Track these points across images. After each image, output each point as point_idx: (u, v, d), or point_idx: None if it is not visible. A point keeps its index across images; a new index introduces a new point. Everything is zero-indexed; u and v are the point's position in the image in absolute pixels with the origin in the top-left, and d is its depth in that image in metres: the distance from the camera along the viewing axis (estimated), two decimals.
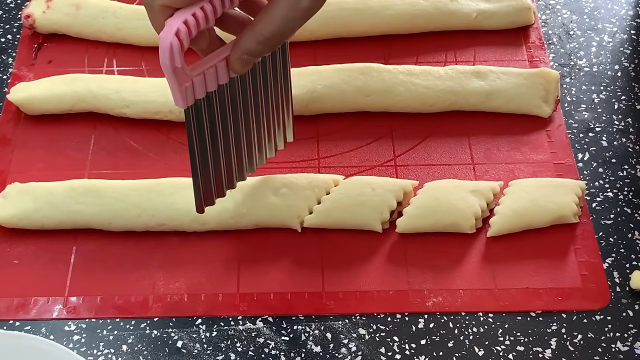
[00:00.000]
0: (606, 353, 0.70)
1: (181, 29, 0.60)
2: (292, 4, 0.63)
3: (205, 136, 0.69)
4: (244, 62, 0.65)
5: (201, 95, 0.66)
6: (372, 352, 0.70)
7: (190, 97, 0.65)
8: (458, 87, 0.86)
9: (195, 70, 0.64)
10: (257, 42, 0.64)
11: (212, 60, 0.65)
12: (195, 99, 0.66)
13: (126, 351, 0.70)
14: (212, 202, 0.73)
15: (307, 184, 0.78)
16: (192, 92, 0.65)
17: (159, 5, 0.61)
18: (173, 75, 0.62)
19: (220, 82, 0.67)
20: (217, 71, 0.66)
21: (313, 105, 0.85)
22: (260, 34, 0.64)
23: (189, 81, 0.64)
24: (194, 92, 0.65)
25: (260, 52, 0.65)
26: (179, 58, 0.61)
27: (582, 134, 0.85)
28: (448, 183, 0.79)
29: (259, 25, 0.64)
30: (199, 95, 0.66)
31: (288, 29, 0.65)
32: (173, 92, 0.64)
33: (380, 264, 0.76)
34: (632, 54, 0.93)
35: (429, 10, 0.92)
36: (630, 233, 0.78)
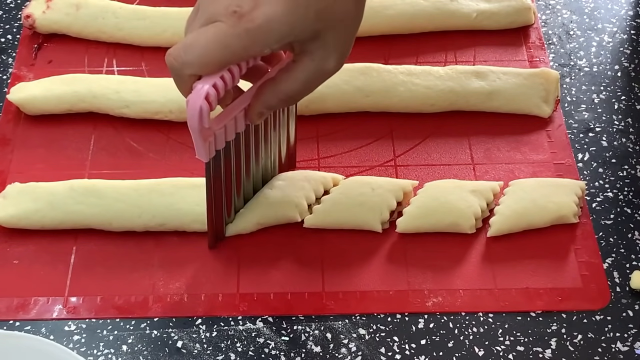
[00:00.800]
0: (606, 353, 0.70)
1: (211, 92, 0.61)
2: (317, 67, 0.64)
3: (221, 179, 0.71)
4: (262, 115, 0.68)
5: (222, 146, 0.68)
6: (372, 352, 0.70)
7: (212, 150, 0.67)
8: (458, 87, 0.86)
9: (219, 124, 0.66)
10: (278, 99, 0.66)
11: (233, 112, 0.67)
12: (216, 149, 0.68)
13: (126, 351, 0.70)
14: (224, 237, 0.76)
15: (302, 177, 0.78)
16: (214, 144, 0.67)
17: (189, 74, 0.62)
18: (200, 134, 0.63)
19: (238, 130, 0.69)
20: (236, 121, 0.68)
21: (313, 105, 0.85)
22: (283, 92, 0.65)
23: (212, 136, 0.66)
24: (216, 144, 0.67)
25: (279, 107, 0.68)
26: (207, 120, 0.62)
27: (582, 134, 0.85)
28: (448, 183, 0.79)
29: (282, 84, 0.65)
30: (220, 146, 0.68)
31: (310, 89, 0.67)
32: (197, 149, 0.65)
33: (380, 264, 0.76)
34: (632, 54, 0.93)
35: (429, 10, 0.92)
36: (630, 233, 0.78)
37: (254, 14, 0.60)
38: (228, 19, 0.60)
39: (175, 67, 0.62)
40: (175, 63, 0.62)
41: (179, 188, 0.77)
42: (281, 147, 0.78)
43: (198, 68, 0.61)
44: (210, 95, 0.61)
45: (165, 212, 0.76)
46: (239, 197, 0.76)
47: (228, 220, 0.76)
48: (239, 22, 0.60)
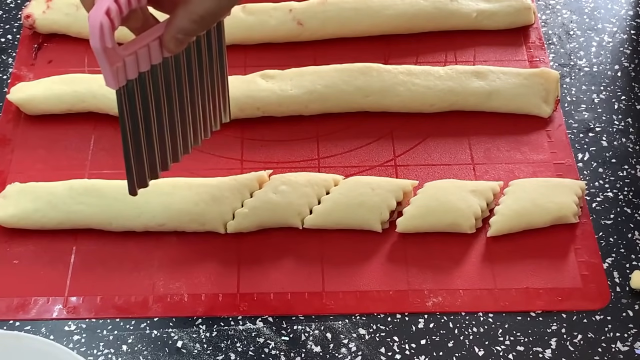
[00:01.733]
0: (606, 353, 0.70)
1: (112, 7, 0.58)
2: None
3: (138, 117, 0.67)
4: (178, 41, 0.64)
5: (133, 76, 0.64)
6: (372, 352, 0.70)
7: (122, 78, 0.63)
8: (458, 87, 0.86)
9: (127, 50, 0.62)
10: (191, 21, 0.63)
11: (145, 40, 0.63)
12: (127, 79, 0.64)
13: (126, 351, 0.70)
14: (146, 184, 0.71)
15: (306, 181, 0.78)
16: (124, 73, 0.63)
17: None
18: (104, 55, 0.60)
19: (154, 62, 0.65)
20: (150, 51, 0.64)
21: (313, 105, 0.86)
22: (195, 12, 0.62)
23: (120, 61, 0.62)
24: (126, 72, 0.63)
25: (194, 31, 0.64)
26: (109, 38, 0.59)
27: (582, 134, 0.85)
28: (448, 183, 0.79)
29: (193, 4, 0.62)
30: (131, 75, 0.64)
31: (223, 7, 0.64)
32: (104, 73, 0.62)
33: (380, 264, 0.76)
34: (632, 54, 0.93)
35: (429, 10, 0.92)
36: (630, 233, 0.78)
37: None
38: None
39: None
40: None
41: (179, 188, 0.77)
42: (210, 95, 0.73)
43: None
44: (111, 11, 0.58)
45: (164, 212, 0.76)
46: (164, 145, 0.71)
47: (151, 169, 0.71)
48: None
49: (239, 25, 0.92)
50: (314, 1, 0.93)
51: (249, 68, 0.90)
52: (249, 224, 0.77)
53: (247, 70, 0.90)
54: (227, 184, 0.78)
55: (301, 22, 0.92)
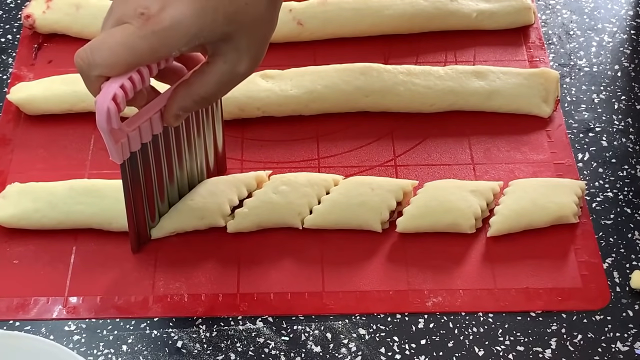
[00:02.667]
0: (606, 353, 0.70)
1: (118, 93, 0.61)
2: (229, 69, 0.64)
3: (140, 182, 0.70)
4: (179, 117, 0.67)
5: (137, 148, 0.68)
6: (372, 352, 0.70)
7: (126, 151, 0.67)
8: (458, 87, 0.86)
9: (131, 126, 0.66)
10: (193, 101, 0.66)
11: (147, 114, 0.66)
12: (131, 151, 0.67)
13: (126, 351, 0.70)
14: (148, 240, 0.76)
15: (306, 181, 0.78)
16: (128, 146, 0.67)
17: (96, 75, 0.61)
18: (110, 135, 0.63)
19: (155, 132, 0.68)
20: (152, 123, 0.67)
21: (313, 105, 0.86)
22: (197, 94, 0.65)
23: (124, 137, 0.65)
24: (130, 146, 0.67)
25: (195, 109, 0.68)
26: (115, 120, 0.62)
27: (582, 134, 0.85)
28: (448, 183, 0.79)
29: (196, 85, 0.65)
30: (135, 148, 0.67)
31: (223, 91, 0.67)
32: (110, 150, 0.65)
33: (380, 264, 0.76)
34: (632, 54, 0.93)
35: (429, 10, 0.92)
36: (630, 233, 0.78)
37: (161, 16, 0.60)
38: (135, 21, 0.60)
39: (82, 68, 0.62)
40: (83, 64, 0.61)
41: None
42: (208, 152, 0.77)
43: (105, 69, 0.61)
44: (117, 97, 0.61)
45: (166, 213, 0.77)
46: (163, 202, 0.75)
47: (151, 224, 0.76)
48: (146, 24, 0.60)
49: None
50: (314, 1, 0.93)
51: None
52: (249, 224, 0.77)
53: None
54: (224, 180, 0.79)
55: (301, 22, 0.92)
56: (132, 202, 0.71)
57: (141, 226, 0.74)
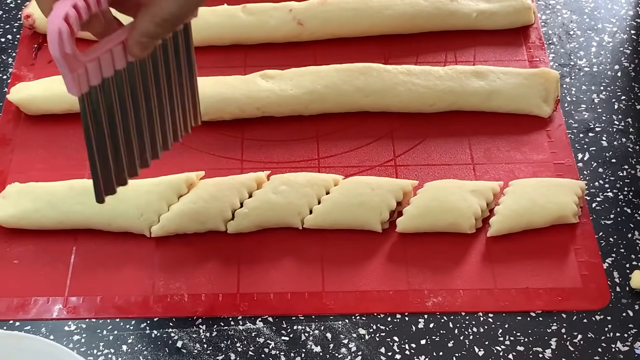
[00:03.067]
0: (606, 353, 0.70)
1: (70, 13, 0.57)
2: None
3: (103, 123, 0.65)
4: (142, 45, 0.62)
5: (96, 82, 0.63)
6: (372, 352, 0.70)
7: (84, 84, 0.62)
8: (458, 87, 0.86)
9: (89, 56, 0.61)
10: (155, 24, 0.61)
11: (108, 45, 0.62)
12: (90, 85, 0.62)
13: (126, 351, 0.70)
14: (114, 191, 0.69)
15: (306, 182, 0.78)
16: (86, 79, 0.62)
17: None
18: (63, 61, 0.59)
19: (117, 67, 0.63)
20: (114, 56, 0.63)
21: (313, 105, 0.86)
22: (158, 15, 0.61)
23: (82, 67, 0.61)
24: (88, 78, 0.62)
25: (159, 34, 0.63)
26: (68, 44, 0.58)
27: (582, 134, 0.85)
28: (448, 183, 0.79)
29: (156, 7, 0.61)
30: (94, 81, 0.62)
31: (185, 10, 0.62)
32: (65, 79, 0.61)
33: (380, 264, 0.76)
34: (632, 54, 0.93)
35: (429, 10, 0.92)
36: (630, 233, 0.78)
37: None
38: None
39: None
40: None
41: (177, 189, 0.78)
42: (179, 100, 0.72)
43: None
44: (70, 17, 0.57)
45: (165, 214, 0.77)
46: (130, 151, 0.69)
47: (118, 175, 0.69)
48: None
49: (239, 25, 0.92)
50: (314, 1, 0.93)
51: (249, 68, 0.90)
52: (249, 224, 0.77)
53: (247, 70, 0.90)
54: (225, 182, 0.78)
55: (301, 22, 0.92)
56: (93, 145, 0.65)
57: (106, 174, 0.68)
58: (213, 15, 0.93)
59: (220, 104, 0.85)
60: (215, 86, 0.86)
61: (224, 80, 0.87)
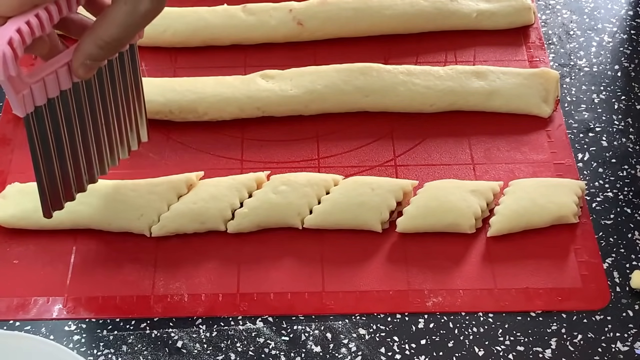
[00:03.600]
0: (606, 353, 0.70)
1: (14, 37, 0.58)
2: (130, 9, 0.62)
3: (49, 141, 0.67)
4: (86, 67, 0.64)
5: (42, 102, 0.64)
6: (372, 352, 0.70)
7: (30, 104, 0.64)
8: (458, 87, 0.86)
9: (34, 77, 0.63)
10: (98, 47, 0.63)
11: (53, 66, 0.64)
12: (35, 105, 0.64)
13: (126, 351, 0.70)
14: (61, 207, 0.72)
15: (306, 181, 0.78)
16: (32, 99, 0.64)
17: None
18: (8, 83, 0.60)
19: (63, 87, 0.65)
20: (59, 77, 0.64)
21: (313, 105, 0.86)
22: (100, 38, 0.62)
23: (27, 88, 0.62)
24: (33, 98, 0.64)
25: (102, 56, 0.64)
26: (12, 67, 0.59)
27: (582, 134, 0.85)
28: (448, 183, 0.79)
29: (99, 30, 0.62)
30: (39, 102, 0.64)
31: (128, 33, 0.63)
32: (10, 100, 0.62)
33: (380, 264, 0.76)
34: (632, 54, 0.93)
35: (429, 10, 0.92)
36: (630, 233, 0.78)
37: None
38: None
39: None
40: None
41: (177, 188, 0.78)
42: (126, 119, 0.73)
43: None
44: (14, 41, 0.58)
45: (165, 214, 0.76)
46: (77, 166, 0.71)
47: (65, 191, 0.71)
48: None
49: (239, 25, 0.92)
50: (314, 1, 0.93)
51: (249, 68, 0.90)
52: (249, 224, 0.77)
53: (247, 70, 0.90)
54: (225, 182, 0.78)
55: (301, 22, 0.92)
56: (40, 162, 0.67)
57: (53, 190, 0.70)
58: (213, 15, 0.93)
59: (220, 104, 0.85)
60: (215, 86, 0.86)
61: (224, 80, 0.87)
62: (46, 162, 0.68)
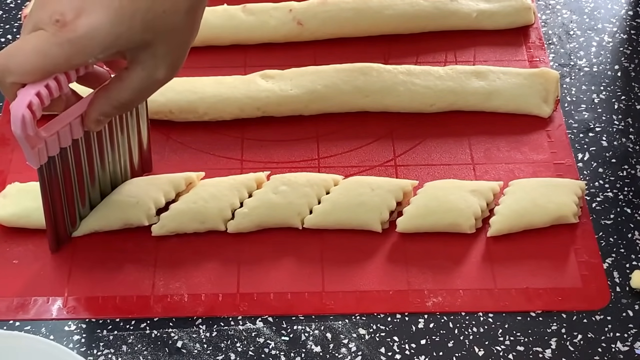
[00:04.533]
0: (606, 353, 0.70)
1: (33, 101, 0.60)
2: (146, 76, 0.64)
3: (59, 184, 0.70)
4: (99, 122, 0.67)
5: (55, 153, 0.67)
6: (372, 352, 0.70)
7: (44, 156, 0.66)
8: (458, 87, 0.86)
9: (49, 131, 0.65)
10: (112, 107, 0.66)
11: (66, 119, 0.66)
12: (49, 156, 0.67)
13: (126, 351, 0.70)
14: (68, 240, 0.76)
15: (305, 181, 0.78)
16: (46, 151, 0.66)
17: (10, 82, 0.61)
18: (26, 141, 0.63)
19: (75, 137, 0.68)
20: (72, 128, 0.67)
21: (313, 105, 0.86)
22: (115, 99, 0.65)
23: (42, 143, 0.65)
24: (47, 150, 0.66)
25: (115, 114, 0.68)
26: (31, 128, 0.62)
27: (582, 134, 0.85)
28: (448, 183, 0.79)
29: (114, 92, 0.65)
30: (53, 152, 0.67)
31: (142, 97, 0.67)
32: (26, 155, 0.65)
33: (380, 264, 0.76)
34: (632, 54, 0.93)
35: (429, 10, 0.92)
36: (630, 233, 0.78)
37: (76, 24, 0.59)
38: (50, 28, 0.59)
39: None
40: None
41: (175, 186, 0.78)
42: (132, 152, 0.77)
43: (19, 76, 0.60)
44: (33, 104, 0.60)
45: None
46: (84, 203, 0.75)
47: (71, 226, 0.76)
48: (61, 31, 0.59)
49: (239, 25, 0.92)
50: (314, 1, 0.93)
51: (249, 68, 0.90)
52: (249, 224, 0.77)
53: (247, 70, 0.90)
54: (225, 182, 0.78)
55: (301, 22, 0.92)
56: (49, 204, 0.71)
57: (60, 227, 0.74)
58: (213, 15, 0.93)
59: (220, 104, 0.85)
60: (215, 86, 0.86)
61: (224, 80, 0.87)
62: (54, 202, 0.71)
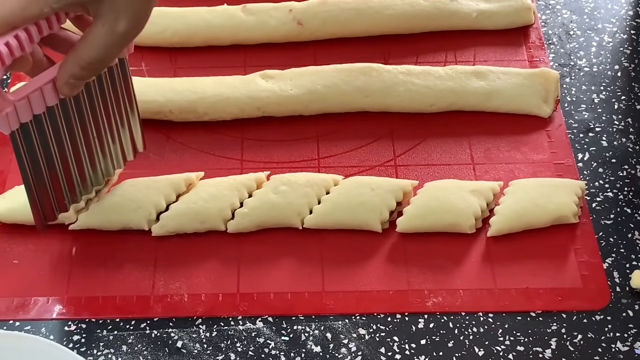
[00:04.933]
0: (606, 353, 0.70)
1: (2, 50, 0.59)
2: (108, 30, 0.62)
3: (38, 155, 0.68)
4: (71, 85, 0.65)
5: (27, 119, 0.65)
6: (372, 352, 0.70)
7: (15, 122, 0.64)
8: (458, 87, 0.86)
9: (18, 95, 0.63)
10: (80, 67, 0.63)
11: (37, 83, 0.64)
12: (21, 122, 0.65)
13: (126, 351, 0.70)
14: (54, 218, 0.73)
15: (305, 182, 0.78)
16: (16, 117, 0.64)
17: None
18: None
19: (49, 104, 0.66)
20: (44, 94, 0.65)
21: (313, 105, 0.86)
22: (82, 58, 0.63)
23: (10, 107, 0.63)
24: (18, 116, 0.64)
25: (85, 76, 0.65)
26: None
27: (582, 134, 0.85)
28: (448, 183, 0.79)
29: (80, 51, 0.63)
30: (24, 119, 0.65)
31: (108, 54, 0.64)
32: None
33: (380, 264, 0.76)
34: (632, 54, 0.93)
35: (429, 10, 0.92)
36: (630, 233, 0.78)
37: None
38: None
39: None
40: None
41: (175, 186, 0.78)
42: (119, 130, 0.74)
43: None
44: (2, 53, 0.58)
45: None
46: (69, 180, 0.72)
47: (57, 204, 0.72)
48: None
49: (239, 25, 0.92)
50: (314, 1, 0.93)
51: (249, 68, 0.90)
52: (249, 224, 0.77)
53: (247, 70, 0.90)
54: (225, 182, 0.78)
55: (301, 22, 0.92)
56: (29, 176, 0.68)
57: (45, 204, 0.71)
58: (213, 15, 0.93)
59: (220, 104, 0.85)
60: (215, 86, 0.86)
61: (224, 80, 0.87)
62: (35, 175, 0.69)
